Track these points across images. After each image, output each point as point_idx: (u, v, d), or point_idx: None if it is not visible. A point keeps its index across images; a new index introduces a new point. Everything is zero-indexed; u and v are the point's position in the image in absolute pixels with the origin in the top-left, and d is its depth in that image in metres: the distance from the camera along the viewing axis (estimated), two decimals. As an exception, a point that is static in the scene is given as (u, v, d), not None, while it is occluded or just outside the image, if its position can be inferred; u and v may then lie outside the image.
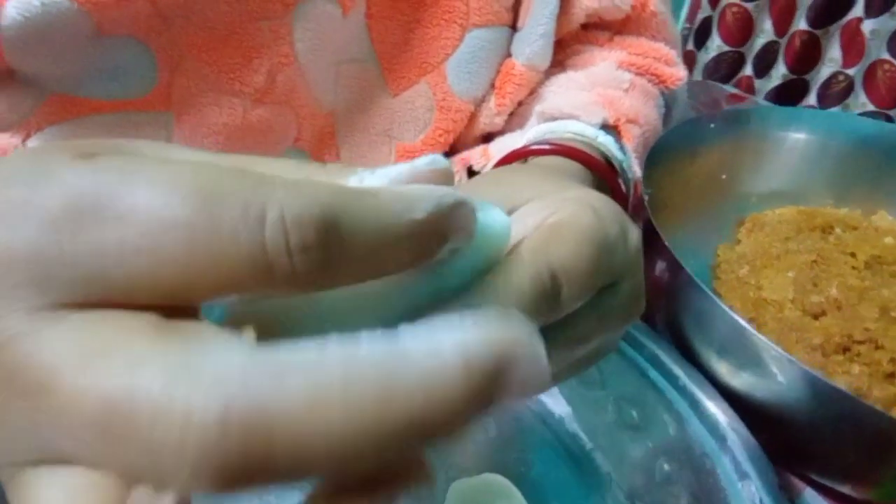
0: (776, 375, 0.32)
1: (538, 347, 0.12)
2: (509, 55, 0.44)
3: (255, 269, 0.12)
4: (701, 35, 1.55)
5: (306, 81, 0.41)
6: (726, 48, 1.47)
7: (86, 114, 0.35)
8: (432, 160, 0.15)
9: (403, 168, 0.15)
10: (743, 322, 0.32)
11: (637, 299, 0.21)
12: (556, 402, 0.37)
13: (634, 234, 0.20)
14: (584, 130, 0.37)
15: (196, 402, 0.10)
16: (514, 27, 0.43)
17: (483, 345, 0.12)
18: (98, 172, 0.12)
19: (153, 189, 0.12)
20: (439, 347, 0.11)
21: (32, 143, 0.33)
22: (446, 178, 0.15)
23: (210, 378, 0.11)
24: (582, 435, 0.36)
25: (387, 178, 0.15)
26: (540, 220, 0.19)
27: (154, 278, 0.12)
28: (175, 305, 0.12)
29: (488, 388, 0.12)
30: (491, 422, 0.36)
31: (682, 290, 0.37)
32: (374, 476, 0.12)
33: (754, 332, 0.31)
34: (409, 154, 0.46)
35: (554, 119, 0.39)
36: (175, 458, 0.11)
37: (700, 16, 1.47)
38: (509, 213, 0.19)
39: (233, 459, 0.10)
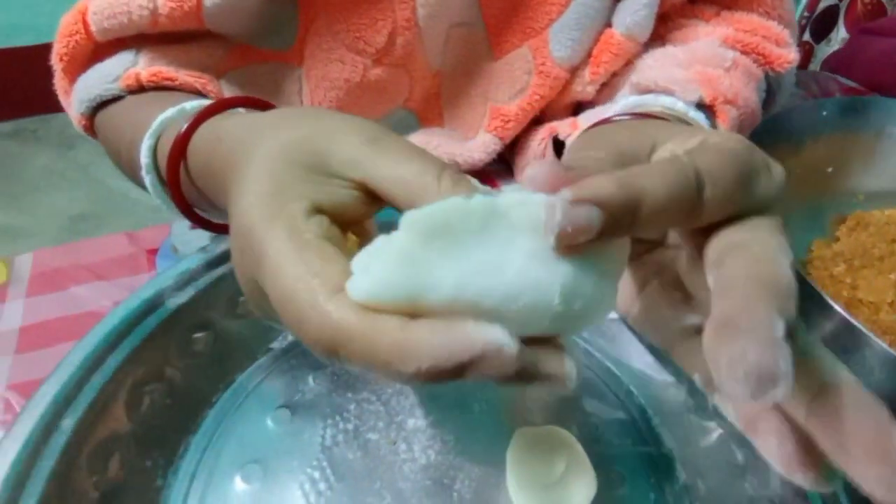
0: (874, 371, 0.31)
1: None
2: (609, 25, 0.44)
3: None
4: (822, 25, 1.44)
5: (422, 45, 0.43)
6: (852, 42, 1.36)
7: (253, 63, 0.41)
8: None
9: None
10: (845, 313, 0.31)
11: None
12: (627, 375, 0.37)
13: (779, 171, 0.21)
14: (675, 105, 0.36)
15: None
16: None
17: None
18: None
19: None
20: None
21: (223, 84, 0.41)
22: None
23: None
24: (649, 410, 0.36)
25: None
26: (690, 145, 0.21)
27: None
28: None
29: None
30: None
31: None
32: None
33: (858, 323, 0.30)
34: (501, 116, 0.47)
35: (648, 91, 0.39)
36: None
37: (822, 5, 1.37)
38: (649, 153, 0.22)
39: None
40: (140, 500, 0.29)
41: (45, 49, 0.41)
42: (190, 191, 0.30)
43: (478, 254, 0.17)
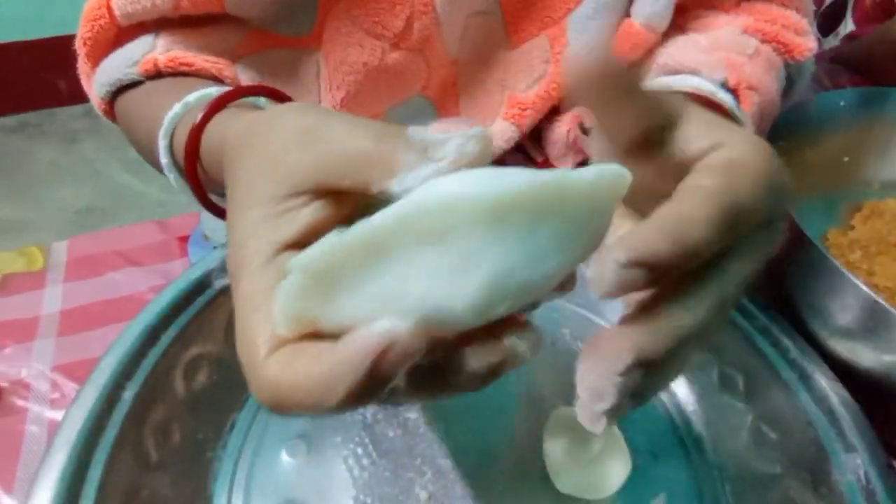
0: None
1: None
2: (628, 15, 0.44)
3: None
4: (830, 19, 1.44)
5: (440, 32, 0.44)
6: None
7: (270, 48, 0.41)
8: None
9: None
10: (874, 295, 0.31)
11: (778, 237, 0.21)
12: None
13: (789, 177, 0.21)
14: (702, 85, 0.36)
15: None
16: None
17: None
18: None
19: None
20: None
21: (239, 69, 0.40)
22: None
23: None
24: (679, 396, 0.37)
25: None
26: (707, 145, 0.20)
27: None
28: None
29: None
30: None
31: (804, 262, 0.36)
32: None
33: (887, 305, 0.31)
34: (519, 104, 0.47)
35: (675, 73, 0.39)
36: None
37: (830, -2, 1.37)
38: (666, 123, 0.21)
39: None
40: (193, 470, 0.30)
41: (49, 43, 0.41)
42: (208, 183, 0.31)
43: (374, 282, 0.16)
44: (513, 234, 0.16)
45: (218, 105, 0.28)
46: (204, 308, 0.31)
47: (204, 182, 0.30)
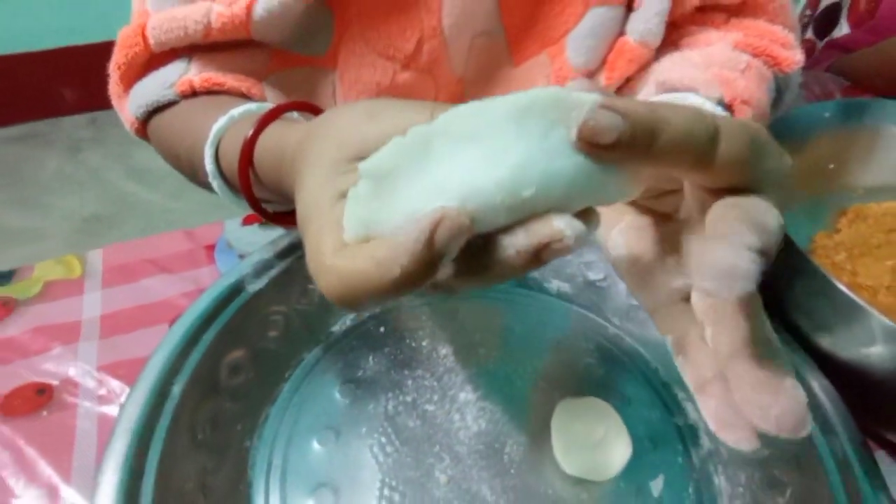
0: (877, 343, 0.34)
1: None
2: (623, 33, 0.47)
3: None
4: (824, 23, 1.47)
5: (447, 53, 0.47)
6: (854, 40, 1.39)
7: (292, 66, 0.44)
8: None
9: None
10: (852, 294, 0.34)
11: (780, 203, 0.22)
12: (654, 355, 0.41)
13: (787, 161, 0.21)
14: (702, 104, 0.39)
15: None
16: (629, 7, 0.46)
17: None
18: None
19: None
20: None
21: (265, 86, 0.44)
22: None
23: None
24: (675, 386, 0.39)
25: None
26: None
27: None
28: None
29: None
30: (597, 362, 0.41)
31: (790, 264, 0.38)
32: None
33: (862, 302, 0.33)
34: None
35: (674, 90, 0.42)
36: None
37: (825, 2, 1.40)
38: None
39: None
40: (234, 457, 0.32)
41: (54, 53, 0.43)
42: (259, 189, 0.34)
43: (425, 178, 0.19)
44: (531, 133, 0.19)
45: (269, 118, 0.33)
46: (239, 311, 0.34)
47: (253, 184, 0.34)
